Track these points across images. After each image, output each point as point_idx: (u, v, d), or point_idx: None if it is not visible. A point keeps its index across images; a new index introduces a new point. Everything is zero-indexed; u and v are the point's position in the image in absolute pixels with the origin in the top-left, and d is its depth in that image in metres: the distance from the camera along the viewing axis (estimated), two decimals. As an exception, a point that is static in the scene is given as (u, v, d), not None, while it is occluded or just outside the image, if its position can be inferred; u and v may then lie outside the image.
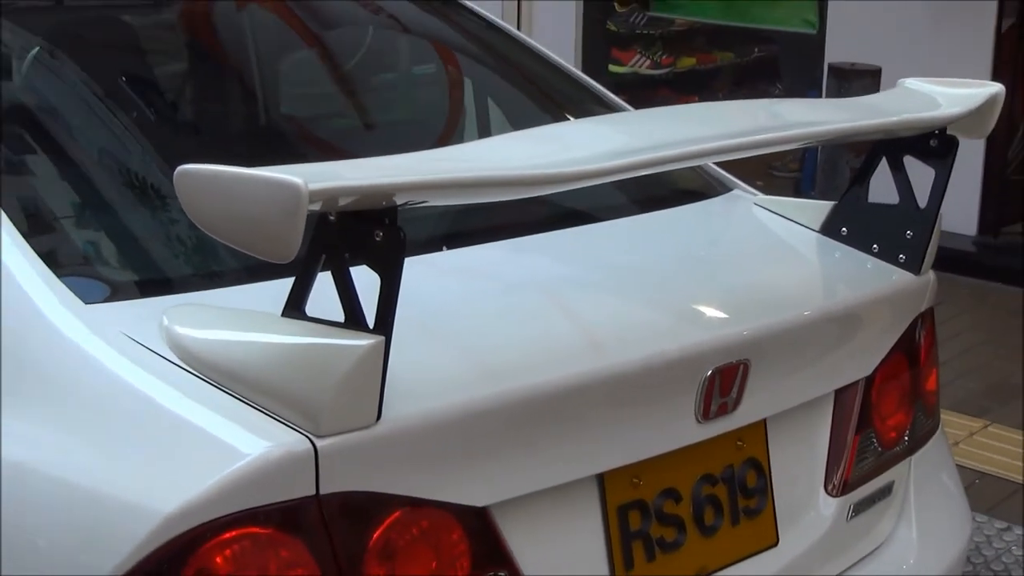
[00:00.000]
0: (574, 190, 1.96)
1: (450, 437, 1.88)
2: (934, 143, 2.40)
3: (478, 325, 2.07)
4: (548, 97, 3.08)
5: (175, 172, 1.69)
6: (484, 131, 3.04)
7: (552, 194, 2.21)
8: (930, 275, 2.53)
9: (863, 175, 2.53)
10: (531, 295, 2.22)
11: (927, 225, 2.46)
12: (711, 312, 2.25)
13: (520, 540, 1.96)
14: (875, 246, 2.49)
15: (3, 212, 2.06)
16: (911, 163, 2.44)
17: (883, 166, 2.46)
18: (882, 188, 2.48)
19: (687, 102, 6.78)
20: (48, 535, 1.81)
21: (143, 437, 1.80)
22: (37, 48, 2.68)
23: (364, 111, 3.12)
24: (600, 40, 7.75)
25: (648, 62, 7.70)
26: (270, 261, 1.67)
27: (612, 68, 7.68)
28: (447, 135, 3.08)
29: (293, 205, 1.58)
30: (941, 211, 2.45)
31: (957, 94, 2.40)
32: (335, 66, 3.24)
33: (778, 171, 6.89)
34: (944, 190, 2.42)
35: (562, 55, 3.32)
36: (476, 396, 1.90)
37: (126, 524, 1.72)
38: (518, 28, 3.17)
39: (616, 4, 7.77)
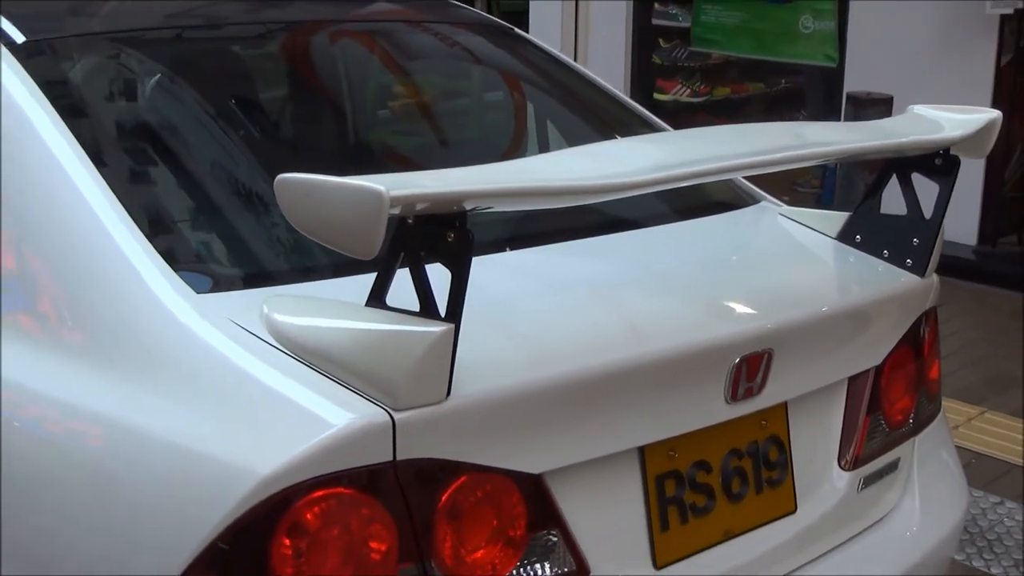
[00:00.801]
0: (620, 199, 1.98)
1: (510, 412, 1.89)
2: (939, 161, 2.39)
3: (535, 316, 2.07)
4: (599, 119, 3.09)
5: (276, 180, 1.72)
6: (543, 148, 3.04)
7: (601, 203, 2.21)
8: (934, 278, 2.51)
9: (875, 189, 2.52)
10: (581, 291, 2.22)
11: (931, 234, 2.45)
12: (740, 307, 2.24)
13: (570, 504, 1.97)
14: (885, 252, 2.48)
15: (129, 215, 2.09)
16: (918, 179, 2.42)
17: (893, 182, 2.44)
18: (892, 201, 2.47)
19: (722, 126, 6.74)
20: (163, 491, 1.83)
21: (245, 408, 1.82)
22: (159, 74, 2.71)
23: (440, 130, 3.14)
24: (647, 71, 7.73)
25: (688, 91, 7.68)
26: (356, 258, 1.69)
27: (657, 96, 7.66)
28: (511, 151, 3.09)
29: (376, 209, 1.60)
30: (944, 222, 2.43)
31: (960, 119, 2.39)
32: (415, 91, 3.26)
33: (801, 187, 6.85)
34: (947, 203, 2.40)
35: (613, 84, 3.32)
36: (533, 378, 1.90)
37: (230, 483, 1.74)
38: (575, 59, 3.17)
39: (661, 40, 7.75)
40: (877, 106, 4.66)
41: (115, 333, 2.01)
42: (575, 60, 5.19)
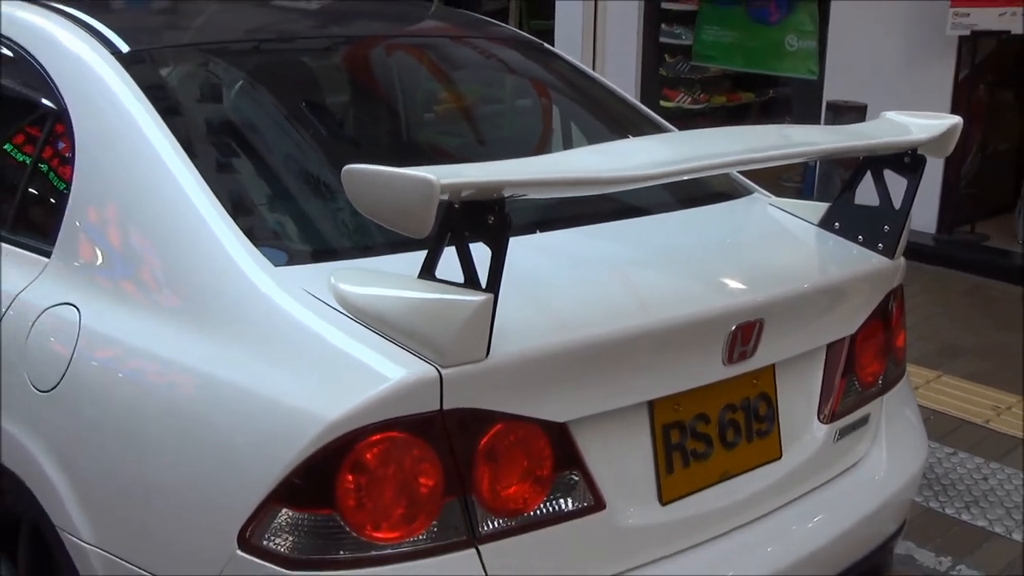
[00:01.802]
0: (632, 189, 1.97)
1: (539, 370, 1.88)
2: (907, 160, 2.37)
3: (561, 289, 2.06)
4: (615, 121, 3.07)
5: (342, 170, 1.73)
6: (568, 145, 3.04)
7: (616, 192, 2.21)
8: (901, 260, 2.50)
9: (852, 183, 2.50)
10: (600, 268, 2.21)
11: (900, 222, 2.43)
12: (735, 283, 2.23)
13: (589, 449, 1.97)
14: (860, 237, 2.46)
15: (217, 199, 2.09)
16: (889, 175, 2.40)
17: (867, 177, 2.42)
18: (866, 194, 2.45)
19: (717, 129, 6.75)
20: (245, 433, 1.84)
21: (315, 363, 1.83)
22: (241, 80, 2.71)
23: (479, 129, 3.13)
24: (654, 82, 7.70)
25: (689, 99, 7.65)
26: (410, 237, 1.70)
27: (662, 103, 7.62)
28: (540, 148, 3.09)
29: (428, 195, 1.60)
30: (911, 212, 2.41)
31: (926, 123, 2.37)
32: (458, 96, 3.25)
33: (786, 182, 6.81)
34: (914, 196, 2.38)
35: (625, 92, 3.30)
36: (559, 340, 1.90)
37: (302, 427, 1.75)
38: (593, 70, 3.17)
39: (667, 56, 7.71)
40: (853, 112, 4.64)
41: (204, 299, 2.01)
42: (593, 69, 5.19)
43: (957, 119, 2.39)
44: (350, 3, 3.83)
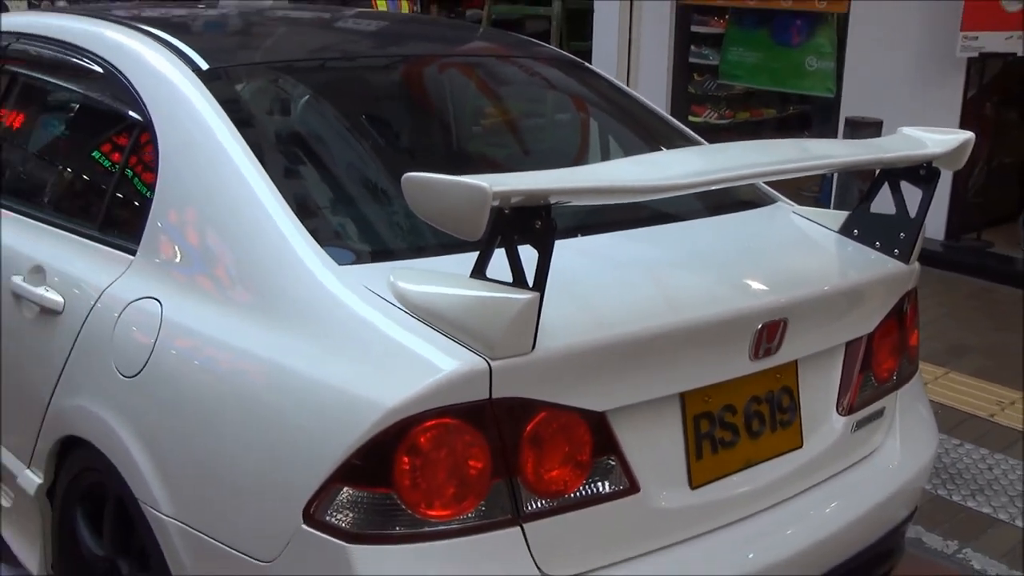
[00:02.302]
0: (666, 197, 1.97)
1: (581, 363, 1.87)
2: (922, 172, 2.34)
3: (601, 288, 2.05)
4: (649, 134, 3.05)
5: (403, 178, 1.72)
6: (605, 157, 3.02)
7: (651, 199, 2.20)
8: (916, 265, 2.47)
9: (870, 193, 2.48)
10: (637, 269, 2.19)
11: (915, 229, 2.40)
12: (761, 285, 2.21)
13: (626, 436, 1.96)
14: (877, 243, 2.43)
15: (286, 202, 2.10)
16: (904, 186, 2.37)
17: (884, 187, 2.40)
18: (882, 203, 2.42)
19: (741, 142, 6.70)
20: (309, 418, 1.84)
21: (375, 354, 1.83)
22: (307, 95, 2.72)
23: (523, 142, 3.12)
24: (683, 99, 7.66)
25: (716, 115, 7.60)
26: (463, 239, 1.70)
27: (691, 119, 7.58)
28: (579, 159, 3.07)
29: (481, 201, 1.60)
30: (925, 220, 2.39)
31: (940, 138, 2.34)
32: (504, 111, 3.24)
33: (804, 192, 6.75)
34: (928, 206, 2.36)
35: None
36: (599, 336, 1.89)
37: (363, 413, 1.75)
38: (627, 86, 3.15)
39: (695, 75, 7.68)
40: (870, 127, 4.57)
41: (274, 294, 2.02)
42: (627, 86, 5.18)
43: (969, 134, 2.36)
44: (406, 25, 3.85)
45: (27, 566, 2.70)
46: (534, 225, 1.70)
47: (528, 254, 1.72)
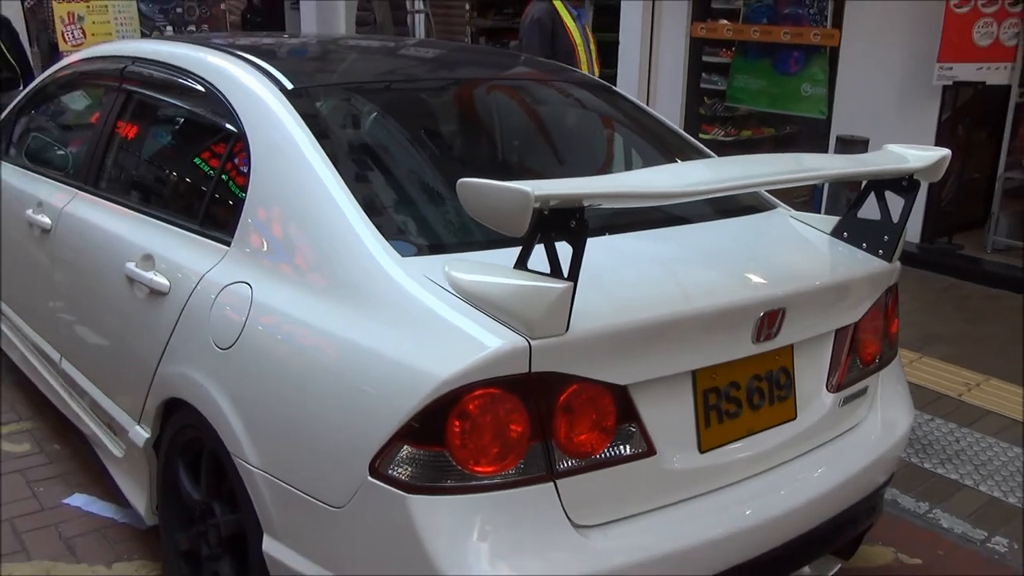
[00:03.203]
0: (680, 203, 1.95)
1: (607, 343, 1.86)
2: (904, 183, 2.30)
3: (625, 280, 2.04)
4: (665, 147, 3.02)
5: (458, 182, 1.72)
6: (629, 167, 3.00)
7: (668, 204, 2.18)
8: (897, 264, 2.43)
9: (859, 201, 2.43)
10: (655, 264, 2.18)
11: (897, 233, 2.36)
12: (763, 279, 2.18)
13: (644, 406, 1.95)
14: (864, 244, 2.40)
15: (357, 202, 2.11)
16: (888, 195, 2.34)
17: (871, 196, 2.36)
18: (868, 210, 2.39)
19: (743, 157, 6.64)
20: (375, 386, 1.85)
21: (432, 333, 1.83)
22: (375, 111, 2.72)
23: (558, 153, 3.10)
24: (695, 119, 7.58)
25: (723, 133, 7.51)
26: (508, 236, 1.69)
27: (701, 135, 7.52)
28: (606, 168, 3.05)
29: (524, 203, 1.60)
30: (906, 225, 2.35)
31: (920, 154, 2.30)
32: (541, 127, 3.22)
33: (796, 199, 6.69)
34: (909, 213, 2.32)
35: (672, 126, 3.25)
36: (623, 320, 1.88)
37: (421, 383, 1.75)
38: (647, 106, 3.14)
39: (705, 99, 7.60)
40: (857, 145, 4.52)
41: (346, 280, 2.03)
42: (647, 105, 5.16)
43: (946, 151, 2.32)
44: (459, 53, 3.84)
45: (136, 507, 2.73)
46: (569, 224, 1.69)
47: (564, 250, 1.71)
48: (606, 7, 8.08)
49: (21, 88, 4.99)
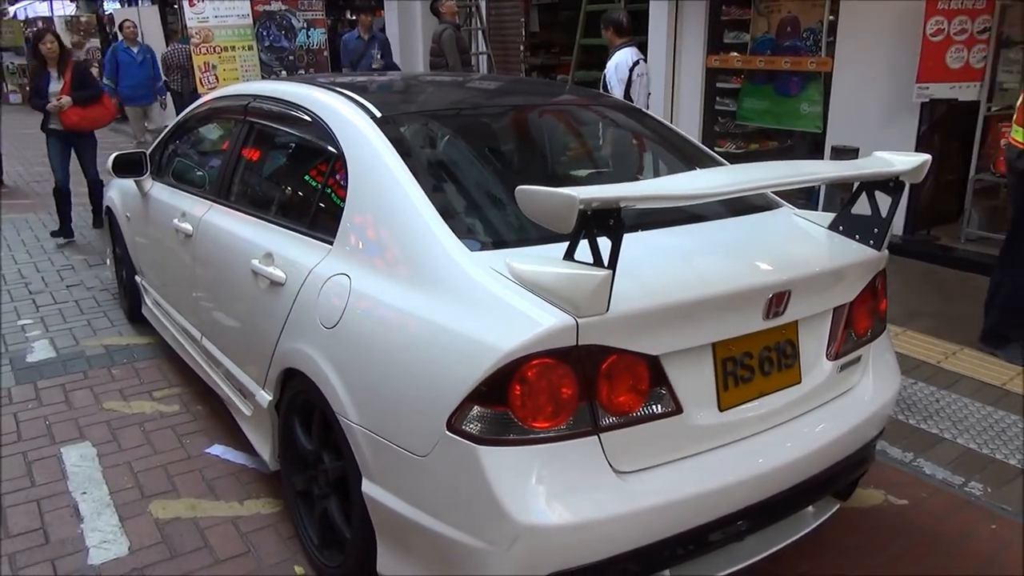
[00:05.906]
0: (700, 203, 1.90)
1: (641, 320, 1.83)
2: (891, 184, 2.21)
3: (655, 268, 1.99)
4: (687, 157, 2.95)
5: (516, 189, 1.69)
6: (656, 174, 2.93)
7: (690, 204, 2.13)
8: (885, 252, 2.34)
9: (852, 200, 2.35)
10: (679, 255, 2.13)
11: (885, 226, 2.28)
12: (771, 266, 2.12)
13: (673, 373, 1.91)
14: (857, 236, 2.32)
15: (434, 207, 2.10)
16: (877, 195, 2.25)
17: (862, 196, 2.28)
18: (860, 207, 2.31)
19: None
20: (450, 357, 1.84)
21: (497, 314, 1.81)
22: (448, 134, 2.71)
23: (598, 164, 3.06)
24: (711, 135, 7.43)
25: (734, 146, 7.34)
26: (557, 233, 1.66)
27: (716, 149, 7.38)
28: (637, 176, 3.00)
29: (571, 205, 1.58)
30: (893, 220, 2.26)
31: (905, 159, 2.21)
32: (583, 144, 3.18)
33: (796, 198, 6.54)
34: (896, 209, 2.24)
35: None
36: (654, 302, 1.84)
37: (488, 355, 1.74)
38: (671, 123, 3.07)
39: (719, 117, 7.45)
40: (849, 153, 4.38)
41: (426, 271, 2.02)
42: (671, 122, 5.09)
43: (927, 156, 2.23)
44: (514, 84, 3.80)
45: (262, 455, 2.77)
46: (608, 222, 1.66)
47: (604, 243, 1.68)
48: (637, 44, 7.97)
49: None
